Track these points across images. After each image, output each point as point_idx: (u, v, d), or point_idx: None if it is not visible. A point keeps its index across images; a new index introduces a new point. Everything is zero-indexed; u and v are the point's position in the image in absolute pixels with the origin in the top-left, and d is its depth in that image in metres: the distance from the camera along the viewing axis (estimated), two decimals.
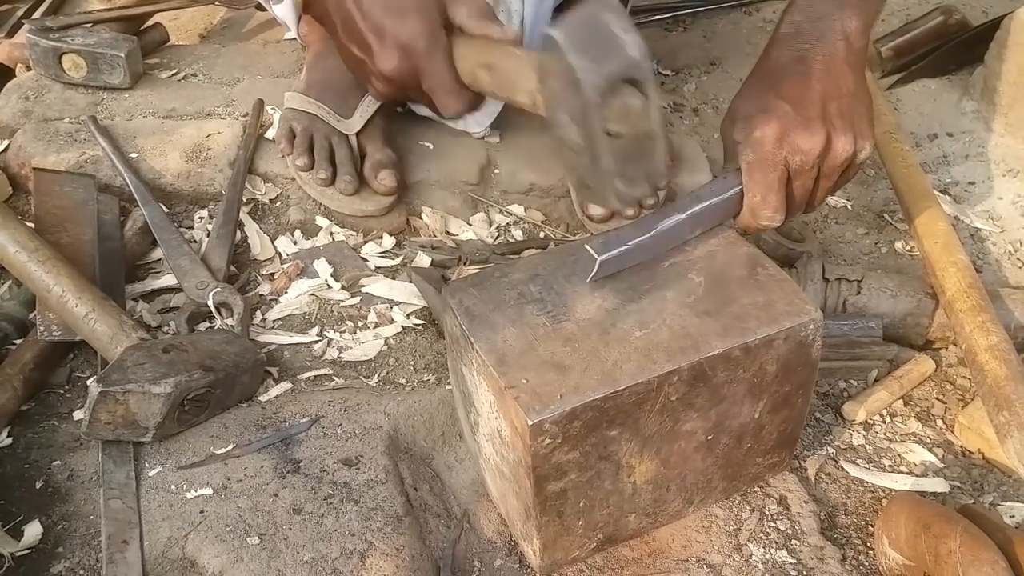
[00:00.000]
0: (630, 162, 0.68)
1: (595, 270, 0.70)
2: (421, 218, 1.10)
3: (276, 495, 0.75)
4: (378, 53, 0.76)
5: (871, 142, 0.77)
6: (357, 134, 1.08)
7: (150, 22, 1.35)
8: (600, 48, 0.65)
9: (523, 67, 0.72)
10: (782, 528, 0.77)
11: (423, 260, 1.04)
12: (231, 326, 0.91)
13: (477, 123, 1.15)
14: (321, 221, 1.08)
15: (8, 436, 0.81)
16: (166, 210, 1.04)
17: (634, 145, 0.68)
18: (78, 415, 0.84)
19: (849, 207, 1.21)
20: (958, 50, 1.41)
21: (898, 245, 1.14)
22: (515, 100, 0.74)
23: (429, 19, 0.75)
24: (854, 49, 0.78)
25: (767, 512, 0.78)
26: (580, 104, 0.65)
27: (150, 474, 0.77)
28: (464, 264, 1.04)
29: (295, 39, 1.31)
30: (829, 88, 0.76)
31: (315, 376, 0.90)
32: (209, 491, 0.75)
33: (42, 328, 0.87)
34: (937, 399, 0.92)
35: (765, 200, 0.75)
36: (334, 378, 0.90)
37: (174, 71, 1.28)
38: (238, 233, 1.04)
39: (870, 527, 0.79)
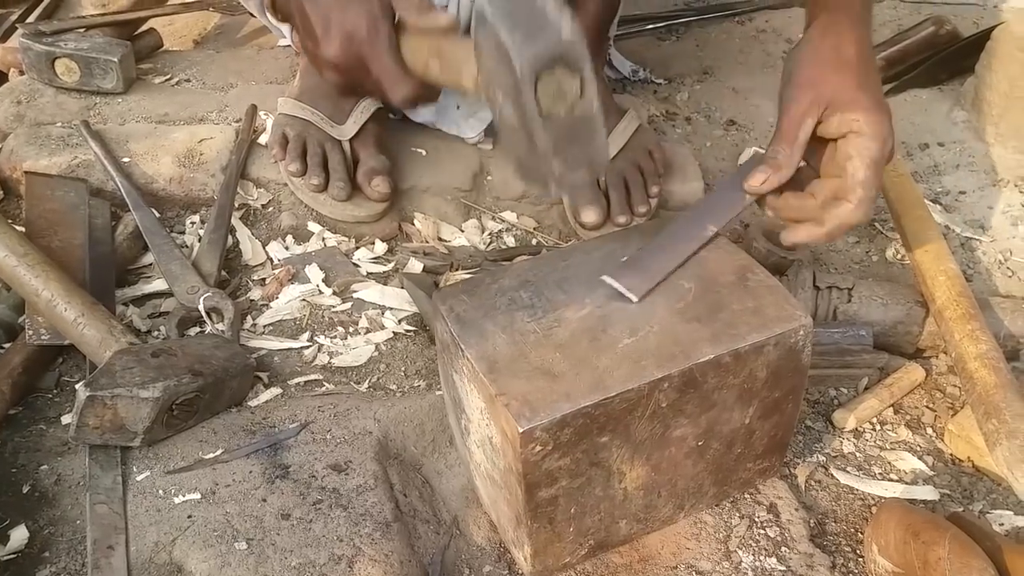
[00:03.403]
0: (569, 144, 0.66)
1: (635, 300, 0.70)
2: (413, 224, 1.10)
3: (264, 500, 0.75)
4: (323, 41, 0.81)
5: None
6: (350, 140, 1.09)
7: (144, 27, 1.35)
8: (531, 25, 0.64)
9: (466, 51, 0.72)
10: (772, 535, 0.77)
11: (415, 266, 1.04)
12: (221, 331, 0.91)
13: (470, 128, 1.16)
14: (313, 227, 1.08)
15: None
16: (158, 215, 1.04)
17: (571, 127, 0.66)
18: (66, 419, 0.83)
19: None
20: (949, 60, 1.42)
21: (889, 253, 1.14)
22: (461, 85, 0.74)
23: (370, 9, 0.79)
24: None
25: (757, 519, 0.78)
26: (513, 81, 0.64)
27: (138, 479, 0.76)
28: (455, 270, 1.04)
29: (289, 45, 1.31)
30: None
31: (305, 381, 0.90)
32: (197, 496, 0.75)
33: (31, 332, 0.86)
34: (927, 407, 0.92)
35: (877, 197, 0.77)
36: (324, 383, 0.90)
37: (167, 76, 1.28)
38: (230, 238, 1.04)
39: (860, 534, 0.79)
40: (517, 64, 0.63)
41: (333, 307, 0.99)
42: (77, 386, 0.75)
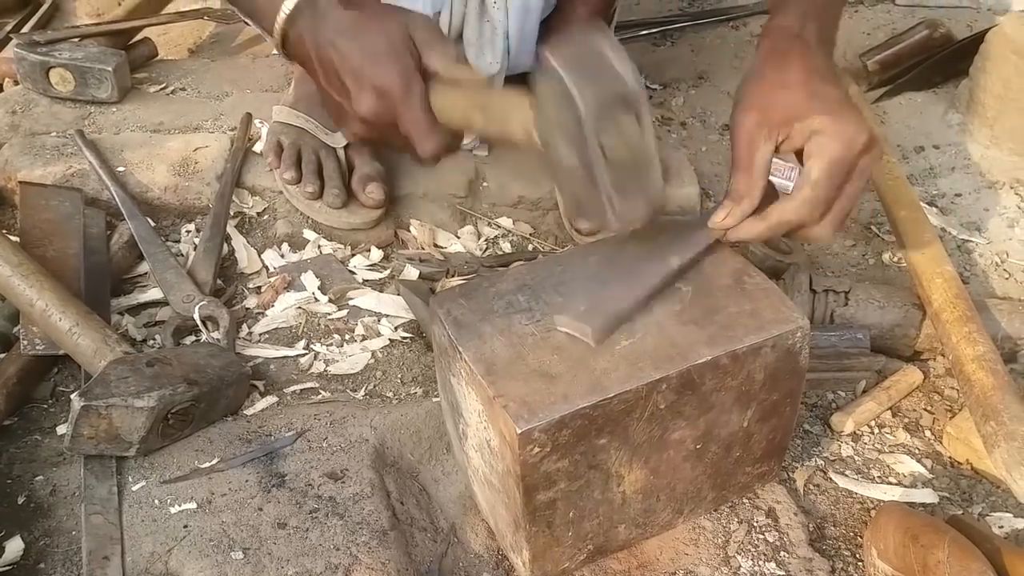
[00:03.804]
0: (628, 182, 0.69)
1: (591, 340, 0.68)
2: (409, 231, 1.10)
3: (261, 509, 0.74)
4: (356, 96, 0.77)
5: None
6: (345, 147, 1.09)
7: (139, 37, 1.36)
8: (594, 70, 0.66)
9: (515, 100, 0.73)
10: (771, 540, 0.76)
11: (411, 273, 1.04)
12: (217, 340, 0.91)
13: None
14: (309, 234, 1.08)
15: None
16: (153, 224, 1.04)
17: (630, 165, 0.68)
18: (61, 430, 0.83)
19: None
20: (943, 63, 1.42)
21: (885, 256, 1.14)
22: (509, 134, 0.75)
23: (404, 63, 0.76)
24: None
25: (755, 524, 0.78)
26: (576, 122, 0.66)
27: (134, 489, 0.76)
28: (452, 277, 1.03)
29: None
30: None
31: (301, 389, 0.89)
32: (193, 505, 0.74)
33: (25, 342, 0.86)
34: (925, 410, 0.92)
35: (826, 200, 0.73)
36: (320, 391, 0.90)
37: (162, 85, 1.28)
38: (225, 246, 1.04)
39: (859, 538, 0.79)
40: (581, 107, 0.65)
41: (329, 315, 0.98)
42: (72, 396, 0.75)
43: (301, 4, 0.79)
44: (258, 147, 1.14)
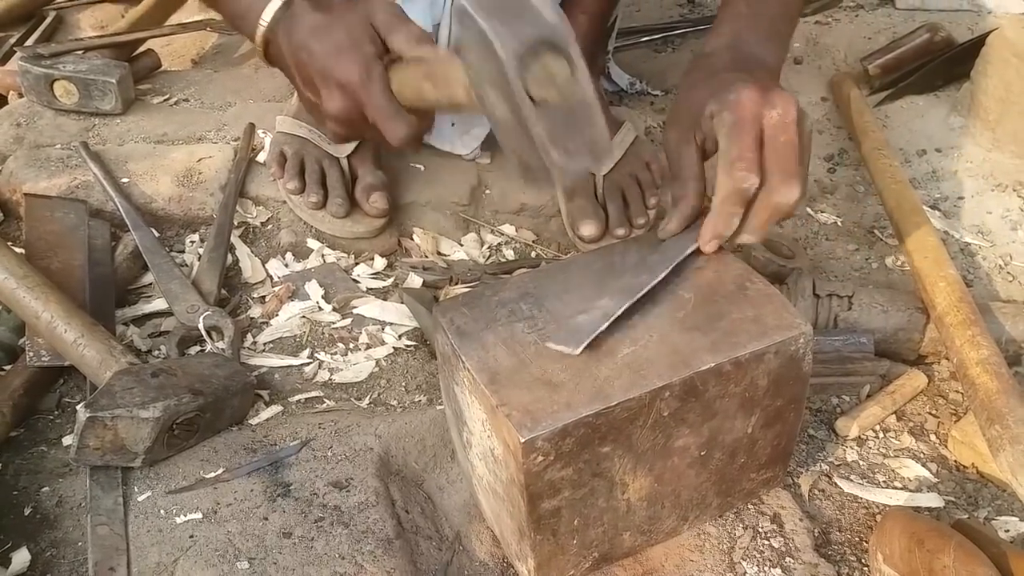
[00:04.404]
0: (567, 131, 0.64)
1: (578, 351, 0.67)
2: (412, 239, 1.11)
3: (266, 519, 0.74)
4: (325, 95, 0.78)
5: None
6: (348, 157, 1.09)
7: (142, 48, 1.36)
8: (512, 12, 0.62)
9: (454, 63, 0.69)
10: (776, 546, 0.76)
11: (414, 281, 1.04)
12: (222, 349, 0.91)
13: (464, 146, 1.16)
14: (312, 243, 1.08)
15: None
16: (157, 234, 1.04)
17: (566, 113, 0.64)
18: (67, 441, 0.83)
19: (839, 223, 1.21)
20: (945, 67, 1.42)
21: (888, 260, 1.14)
22: (455, 98, 0.71)
23: (363, 53, 0.76)
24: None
25: (761, 530, 0.77)
26: (498, 70, 0.62)
27: (139, 499, 0.76)
28: (455, 284, 1.04)
29: None
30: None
31: (306, 399, 0.90)
32: (199, 515, 0.74)
33: (31, 354, 0.86)
34: (930, 414, 0.92)
35: (743, 157, 0.72)
36: (325, 400, 0.90)
37: (166, 96, 1.29)
38: (229, 256, 1.04)
39: (864, 543, 0.79)
40: (501, 51, 0.61)
41: (333, 323, 0.99)
42: (77, 407, 0.75)
43: (278, 15, 0.80)
44: (261, 157, 1.15)
